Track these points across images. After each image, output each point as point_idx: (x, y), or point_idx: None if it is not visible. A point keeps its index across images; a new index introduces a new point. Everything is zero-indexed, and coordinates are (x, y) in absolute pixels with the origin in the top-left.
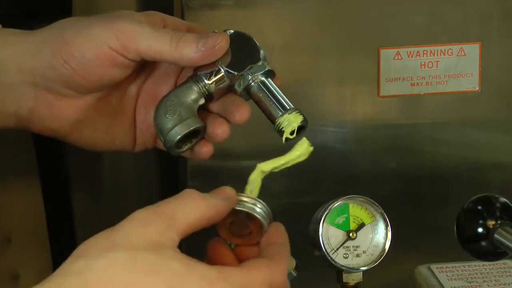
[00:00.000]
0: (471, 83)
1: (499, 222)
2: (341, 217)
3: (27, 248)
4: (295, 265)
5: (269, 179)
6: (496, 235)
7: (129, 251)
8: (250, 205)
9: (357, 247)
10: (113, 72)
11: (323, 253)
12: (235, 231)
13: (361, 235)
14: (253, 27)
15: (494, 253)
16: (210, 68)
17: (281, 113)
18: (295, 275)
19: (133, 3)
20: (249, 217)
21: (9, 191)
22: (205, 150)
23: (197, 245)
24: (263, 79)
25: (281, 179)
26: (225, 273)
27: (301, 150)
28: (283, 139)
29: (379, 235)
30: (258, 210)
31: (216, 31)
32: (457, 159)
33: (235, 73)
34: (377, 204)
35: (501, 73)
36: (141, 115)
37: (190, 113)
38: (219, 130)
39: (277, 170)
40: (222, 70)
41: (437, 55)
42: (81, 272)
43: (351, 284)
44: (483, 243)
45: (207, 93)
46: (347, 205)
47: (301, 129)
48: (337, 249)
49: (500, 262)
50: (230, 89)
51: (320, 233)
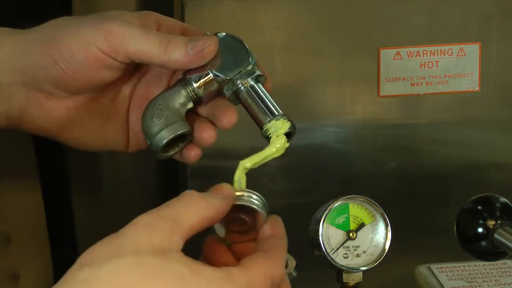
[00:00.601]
0: (471, 83)
1: (499, 222)
2: (341, 217)
3: (27, 248)
4: (295, 265)
5: (269, 179)
6: (496, 235)
7: (134, 256)
8: (247, 198)
9: (357, 247)
10: (103, 73)
11: (323, 253)
12: (232, 227)
13: (361, 235)
14: (253, 27)
15: (494, 253)
16: (199, 71)
17: (268, 119)
18: (295, 275)
19: (133, 2)
20: (248, 210)
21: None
22: (193, 154)
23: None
24: (253, 83)
25: (281, 179)
26: (230, 274)
27: (279, 144)
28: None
29: (379, 235)
30: (255, 202)
31: (208, 33)
32: (457, 159)
33: (224, 77)
34: (377, 204)
35: (501, 73)
36: (134, 116)
37: (177, 117)
38: (206, 134)
39: (257, 165)
40: (211, 74)
41: (437, 55)
42: (86, 280)
43: (351, 284)
44: (483, 243)
45: (195, 97)
46: (347, 205)
47: (289, 136)
48: (337, 249)
49: (500, 262)
50: (219, 93)
51: (320, 233)
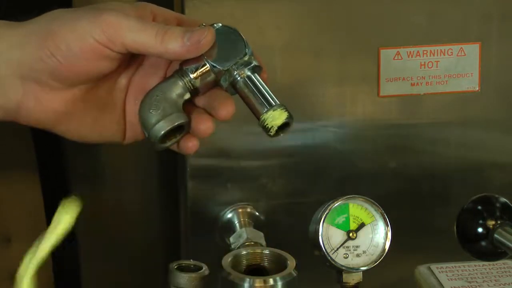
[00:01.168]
0: (471, 83)
1: (499, 222)
2: (341, 217)
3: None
4: (295, 265)
5: (269, 179)
6: (496, 235)
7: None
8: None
9: (357, 247)
10: (100, 64)
11: (323, 253)
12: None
13: (361, 235)
14: (253, 27)
15: (494, 253)
16: (195, 62)
17: (266, 109)
18: (295, 275)
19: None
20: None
21: (9, 190)
22: (190, 145)
23: (197, 245)
24: (249, 74)
25: (281, 179)
26: None
27: (64, 222)
28: (269, 135)
29: (379, 235)
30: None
31: (204, 24)
32: (457, 159)
33: (221, 68)
34: (377, 204)
35: (501, 73)
36: (131, 107)
37: (174, 108)
38: (203, 126)
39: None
40: (207, 64)
41: (437, 55)
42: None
43: (351, 284)
44: (483, 243)
45: (192, 87)
46: (347, 205)
47: (286, 126)
48: (337, 249)
49: (500, 262)
50: (216, 84)
51: (320, 233)
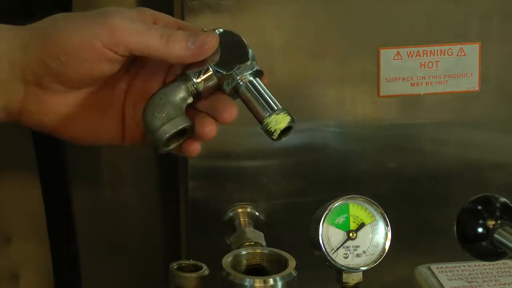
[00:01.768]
0: (471, 83)
1: (499, 222)
2: (341, 217)
3: (27, 248)
4: (295, 265)
5: (269, 179)
6: (496, 235)
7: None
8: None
9: (357, 247)
10: (103, 67)
11: (323, 253)
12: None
13: (361, 235)
14: (253, 27)
15: (494, 253)
16: (198, 67)
17: (268, 114)
18: (295, 275)
19: (133, 3)
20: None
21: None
22: (192, 148)
23: (197, 245)
24: (251, 79)
25: (281, 179)
26: None
27: None
28: (272, 139)
29: (379, 235)
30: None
31: (205, 29)
32: (457, 159)
33: (224, 72)
34: (377, 204)
35: (501, 73)
36: (130, 111)
37: (178, 112)
38: (207, 129)
39: None
40: (210, 69)
41: (437, 55)
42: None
43: (351, 284)
44: (483, 243)
45: (195, 92)
46: (347, 205)
47: (288, 130)
48: (337, 249)
49: (500, 262)
50: (218, 88)
51: (320, 233)
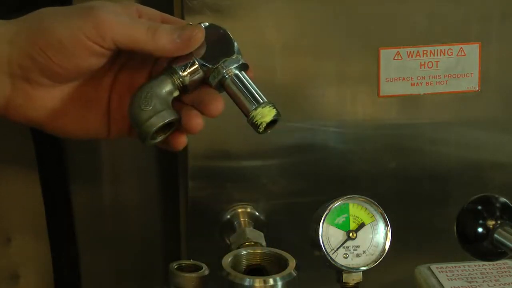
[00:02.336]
0: (471, 83)
1: (499, 222)
2: (341, 217)
3: (27, 248)
4: (295, 265)
5: (269, 179)
6: (496, 235)
7: None
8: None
9: (357, 247)
10: (90, 60)
11: (323, 253)
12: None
13: (361, 235)
14: (253, 27)
15: (494, 253)
16: (184, 60)
17: (254, 107)
18: (295, 275)
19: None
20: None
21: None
22: (179, 141)
23: (197, 245)
24: (237, 72)
25: (281, 179)
26: None
27: None
28: (258, 132)
29: (379, 235)
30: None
31: (191, 23)
32: (457, 159)
33: (210, 66)
34: (377, 204)
35: (501, 73)
36: (115, 104)
37: (165, 105)
38: (194, 122)
39: None
40: (196, 62)
41: (437, 55)
42: None
43: (351, 284)
44: (483, 243)
45: (181, 85)
46: (347, 205)
47: (274, 123)
48: (337, 249)
49: (500, 262)
50: (204, 82)
51: (320, 233)
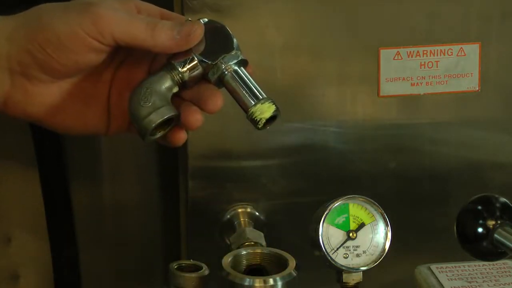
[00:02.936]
0: (471, 83)
1: (499, 222)
2: (341, 217)
3: (27, 248)
4: (295, 265)
5: (269, 179)
6: (496, 235)
7: None
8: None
9: (357, 247)
10: (89, 57)
11: (323, 253)
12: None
13: (361, 235)
14: (253, 27)
15: (494, 253)
16: (184, 56)
17: (254, 103)
18: (295, 275)
19: None
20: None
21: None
22: (178, 137)
23: (197, 245)
24: (236, 68)
25: (281, 179)
26: None
27: None
28: (257, 128)
29: (379, 235)
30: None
31: (190, 19)
32: (457, 159)
33: (209, 62)
34: (377, 204)
35: (501, 73)
36: (115, 100)
37: (164, 101)
38: (193, 118)
39: None
40: (196, 58)
41: (437, 55)
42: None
43: (351, 284)
44: (483, 243)
45: (180, 81)
46: (347, 205)
47: (273, 119)
48: (337, 249)
49: (500, 262)
50: (203, 78)
51: (320, 233)
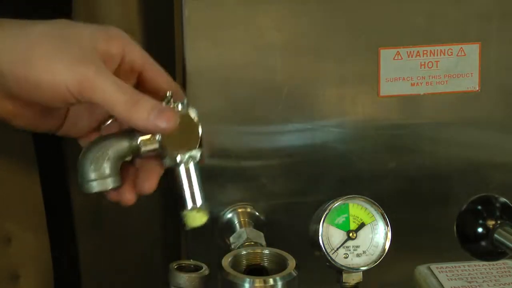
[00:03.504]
0: (471, 83)
1: (499, 222)
2: (341, 217)
3: (27, 248)
4: (295, 265)
5: (269, 179)
6: (496, 235)
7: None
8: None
9: (357, 247)
10: (56, 104)
11: (323, 253)
12: None
13: (361, 235)
14: (253, 27)
15: (494, 253)
16: (150, 136)
17: (189, 207)
18: (295, 275)
19: (134, 3)
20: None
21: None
22: (129, 198)
23: (197, 245)
24: (190, 166)
25: (281, 179)
26: None
27: None
28: (184, 227)
29: (379, 235)
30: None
31: (169, 93)
32: (457, 159)
33: (169, 151)
34: (377, 204)
35: (501, 73)
36: (73, 118)
37: (112, 171)
38: (126, 198)
39: None
40: (158, 144)
41: (437, 55)
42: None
43: (351, 284)
44: (483, 243)
45: (136, 153)
46: (347, 205)
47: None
48: (337, 249)
49: (500, 262)
50: (157, 155)
51: (320, 233)
